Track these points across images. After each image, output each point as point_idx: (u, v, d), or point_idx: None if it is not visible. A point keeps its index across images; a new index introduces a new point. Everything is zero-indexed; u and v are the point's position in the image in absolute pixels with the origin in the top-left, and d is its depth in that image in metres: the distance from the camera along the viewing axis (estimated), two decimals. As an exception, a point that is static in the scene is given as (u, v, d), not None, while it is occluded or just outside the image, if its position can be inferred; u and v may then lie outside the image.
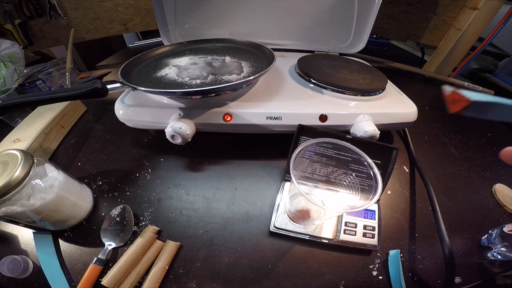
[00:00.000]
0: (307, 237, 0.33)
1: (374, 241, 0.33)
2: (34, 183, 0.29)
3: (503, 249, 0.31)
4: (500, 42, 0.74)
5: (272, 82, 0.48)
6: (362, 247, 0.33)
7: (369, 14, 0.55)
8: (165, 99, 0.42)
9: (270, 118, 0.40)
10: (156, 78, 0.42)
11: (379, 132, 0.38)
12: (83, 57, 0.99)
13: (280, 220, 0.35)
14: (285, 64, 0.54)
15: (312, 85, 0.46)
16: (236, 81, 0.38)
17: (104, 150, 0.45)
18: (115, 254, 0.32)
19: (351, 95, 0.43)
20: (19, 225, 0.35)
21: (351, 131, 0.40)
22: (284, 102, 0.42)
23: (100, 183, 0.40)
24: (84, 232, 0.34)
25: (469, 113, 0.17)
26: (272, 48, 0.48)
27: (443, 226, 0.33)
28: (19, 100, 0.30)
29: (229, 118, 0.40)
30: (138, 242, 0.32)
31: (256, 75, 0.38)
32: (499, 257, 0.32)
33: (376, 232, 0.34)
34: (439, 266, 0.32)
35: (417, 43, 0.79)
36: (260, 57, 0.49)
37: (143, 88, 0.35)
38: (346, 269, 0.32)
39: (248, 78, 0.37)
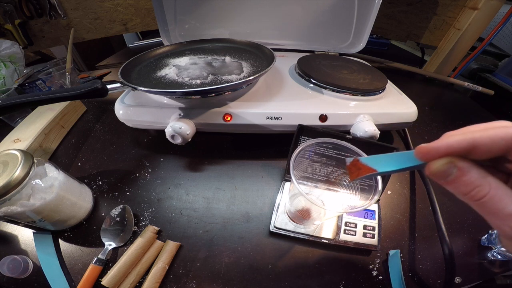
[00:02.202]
0: (307, 237, 0.33)
1: (374, 241, 0.33)
2: (34, 183, 0.29)
3: (503, 249, 0.31)
4: (500, 42, 0.74)
5: (272, 82, 0.48)
6: (362, 247, 0.33)
7: (369, 14, 0.55)
8: (165, 99, 0.42)
9: (270, 118, 0.40)
10: (156, 78, 0.42)
11: (379, 132, 0.38)
12: (83, 57, 0.99)
13: (280, 220, 0.35)
14: (285, 64, 0.54)
15: (312, 85, 0.46)
16: (236, 81, 0.38)
17: (104, 150, 0.45)
18: (115, 254, 0.32)
19: (351, 95, 0.43)
20: (19, 225, 0.35)
21: (351, 131, 0.40)
22: (284, 102, 0.42)
23: (100, 183, 0.40)
24: (84, 232, 0.34)
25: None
26: (272, 48, 0.48)
27: (443, 226, 0.33)
28: (19, 100, 0.30)
29: (229, 118, 0.40)
30: (138, 242, 0.32)
31: (256, 75, 0.38)
32: (499, 257, 0.32)
33: (376, 232, 0.34)
34: (439, 266, 0.32)
35: (417, 43, 0.79)
36: (260, 57, 0.49)
37: (143, 88, 0.36)
38: (346, 269, 0.32)
39: (248, 78, 0.37)
